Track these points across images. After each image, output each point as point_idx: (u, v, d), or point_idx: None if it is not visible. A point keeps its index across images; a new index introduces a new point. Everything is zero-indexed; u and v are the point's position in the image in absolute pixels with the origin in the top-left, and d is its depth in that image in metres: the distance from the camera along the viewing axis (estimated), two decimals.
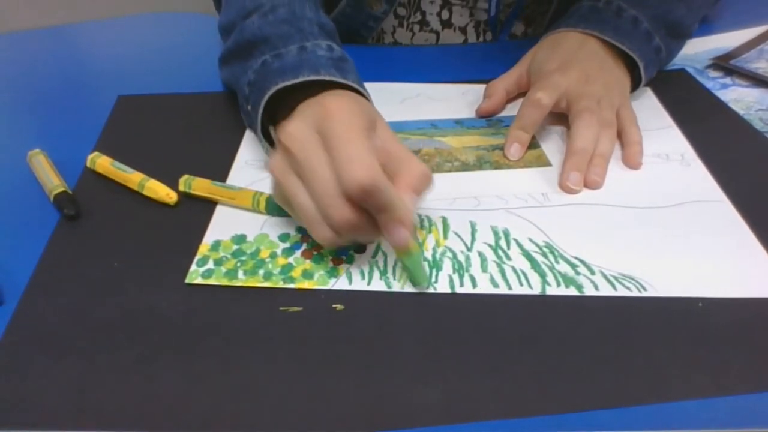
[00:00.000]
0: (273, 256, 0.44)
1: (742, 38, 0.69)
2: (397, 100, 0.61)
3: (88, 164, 0.52)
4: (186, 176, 0.49)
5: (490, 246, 0.45)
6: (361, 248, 0.44)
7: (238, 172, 0.52)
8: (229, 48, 0.57)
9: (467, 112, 0.59)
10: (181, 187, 0.49)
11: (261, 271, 0.43)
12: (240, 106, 0.54)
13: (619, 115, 0.54)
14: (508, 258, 0.44)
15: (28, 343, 0.39)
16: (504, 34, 0.72)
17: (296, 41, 0.50)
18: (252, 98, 0.50)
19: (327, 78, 0.46)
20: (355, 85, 0.47)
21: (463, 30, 0.72)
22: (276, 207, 0.47)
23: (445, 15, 0.71)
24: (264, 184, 0.48)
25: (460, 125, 0.57)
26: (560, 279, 0.42)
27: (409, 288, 0.42)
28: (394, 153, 0.41)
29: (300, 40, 0.50)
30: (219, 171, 0.51)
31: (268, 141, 0.51)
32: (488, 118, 0.58)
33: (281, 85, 0.47)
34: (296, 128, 0.40)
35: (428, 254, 0.44)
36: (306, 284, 0.42)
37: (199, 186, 0.49)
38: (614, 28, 0.57)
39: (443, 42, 0.73)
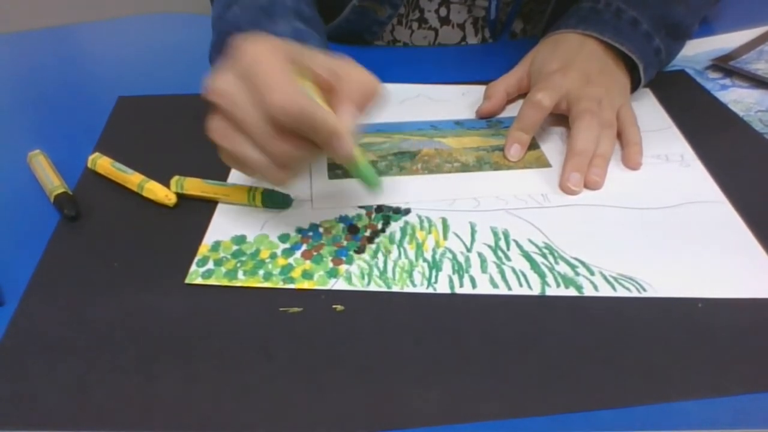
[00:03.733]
0: (273, 256, 0.44)
1: (741, 39, 0.69)
2: (397, 101, 0.61)
3: (89, 165, 0.52)
4: (176, 177, 0.49)
5: (489, 247, 0.45)
6: (360, 249, 0.44)
7: (238, 172, 0.52)
8: (213, 43, 0.57)
9: (467, 113, 0.59)
10: (173, 188, 0.49)
11: (261, 272, 0.43)
12: None
13: (619, 115, 0.54)
14: (508, 259, 0.44)
15: (28, 343, 0.39)
16: (505, 34, 0.72)
17: (264, 27, 0.50)
18: None
19: None
20: None
21: (461, 27, 0.72)
22: (272, 200, 0.47)
23: (443, 12, 0.71)
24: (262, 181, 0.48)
25: (460, 126, 0.57)
26: (560, 280, 0.42)
27: (408, 288, 0.42)
28: (335, 68, 0.41)
29: (267, 25, 0.50)
30: (219, 172, 0.51)
31: None
32: (488, 119, 0.58)
33: None
34: (219, 82, 0.40)
35: (428, 255, 0.44)
36: (306, 285, 0.42)
37: (191, 185, 0.49)
38: (614, 30, 0.57)
39: (441, 39, 0.73)
